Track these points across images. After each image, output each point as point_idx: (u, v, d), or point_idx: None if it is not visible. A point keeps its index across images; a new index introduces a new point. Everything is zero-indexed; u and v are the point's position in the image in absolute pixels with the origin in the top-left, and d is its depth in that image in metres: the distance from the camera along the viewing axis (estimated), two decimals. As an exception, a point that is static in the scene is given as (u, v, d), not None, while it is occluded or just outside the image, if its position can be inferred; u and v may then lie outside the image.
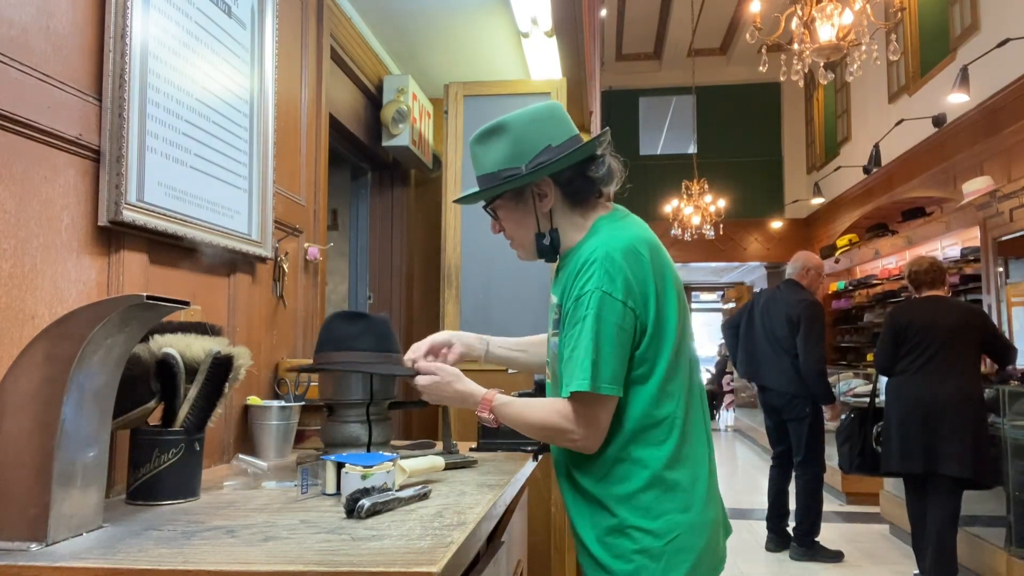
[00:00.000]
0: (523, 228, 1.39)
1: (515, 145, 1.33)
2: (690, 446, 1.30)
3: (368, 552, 0.95)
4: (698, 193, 9.36)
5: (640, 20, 10.66)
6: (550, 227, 1.38)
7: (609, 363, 1.22)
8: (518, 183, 1.34)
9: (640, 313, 1.25)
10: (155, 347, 1.30)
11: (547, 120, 1.36)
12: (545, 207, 1.37)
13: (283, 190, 2.07)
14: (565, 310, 1.30)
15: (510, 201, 1.38)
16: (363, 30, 2.95)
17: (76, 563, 0.91)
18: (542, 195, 1.36)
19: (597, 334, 1.23)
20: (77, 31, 1.31)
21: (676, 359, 1.29)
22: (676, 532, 1.26)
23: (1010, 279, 5.34)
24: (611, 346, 1.23)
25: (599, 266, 1.25)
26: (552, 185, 1.35)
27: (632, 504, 1.27)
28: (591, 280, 1.25)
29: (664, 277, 1.30)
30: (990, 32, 5.62)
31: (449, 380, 1.44)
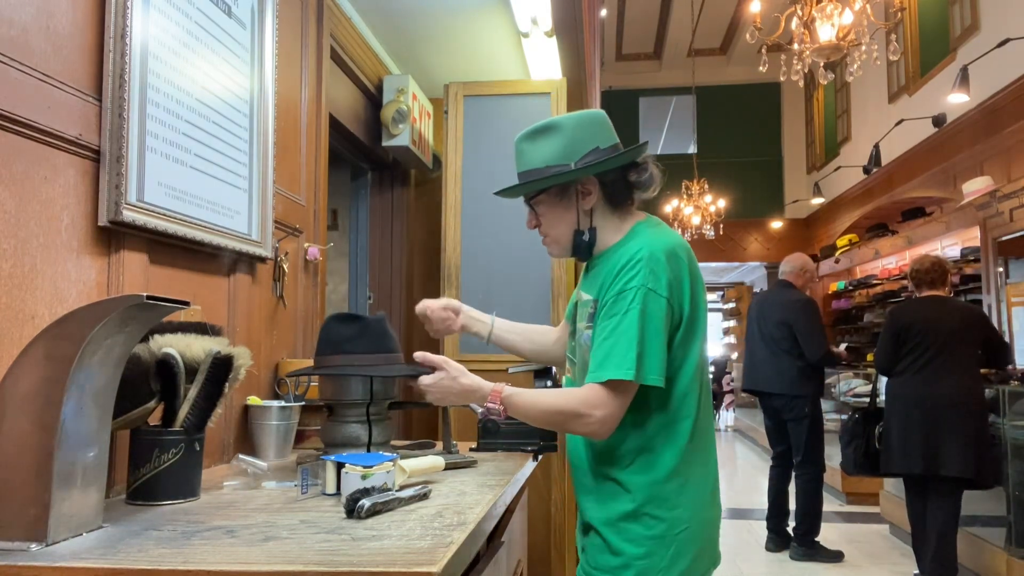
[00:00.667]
0: (562, 224, 1.44)
1: (565, 144, 1.39)
2: (703, 443, 1.38)
3: (368, 552, 0.95)
4: (698, 193, 9.36)
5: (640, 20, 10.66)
6: (589, 225, 1.43)
7: (655, 355, 1.28)
8: (567, 178, 1.40)
9: (677, 311, 1.33)
10: (155, 347, 1.30)
11: (596, 125, 1.42)
12: (587, 205, 1.42)
13: (283, 190, 2.07)
14: (603, 303, 1.34)
15: (554, 197, 1.43)
16: (363, 30, 2.95)
17: (76, 563, 0.91)
18: (586, 193, 1.41)
19: (643, 328, 1.28)
20: (77, 31, 1.31)
21: (699, 359, 1.38)
22: (686, 524, 1.33)
23: (1010, 279, 5.34)
24: (657, 340, 1.29)
25: (644, 264, 1.31)
26: (596, 185, 1.41)
27: (653, 493, 1.33)
28: (636, 277, 1.30)
29: (697, 280, 1.38)
30: (990, 32, 5.62)
31: (455, 375, 1.44)
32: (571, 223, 1.43)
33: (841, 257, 9.22)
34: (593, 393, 1.29)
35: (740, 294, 13.79)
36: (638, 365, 1.27)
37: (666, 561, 1.31)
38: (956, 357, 3.47)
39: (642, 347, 1.27)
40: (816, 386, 4.26)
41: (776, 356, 4.27)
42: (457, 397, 1.45)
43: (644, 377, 1.27)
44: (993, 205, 5.26)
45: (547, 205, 1.44)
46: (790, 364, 4.21)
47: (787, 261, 4.55)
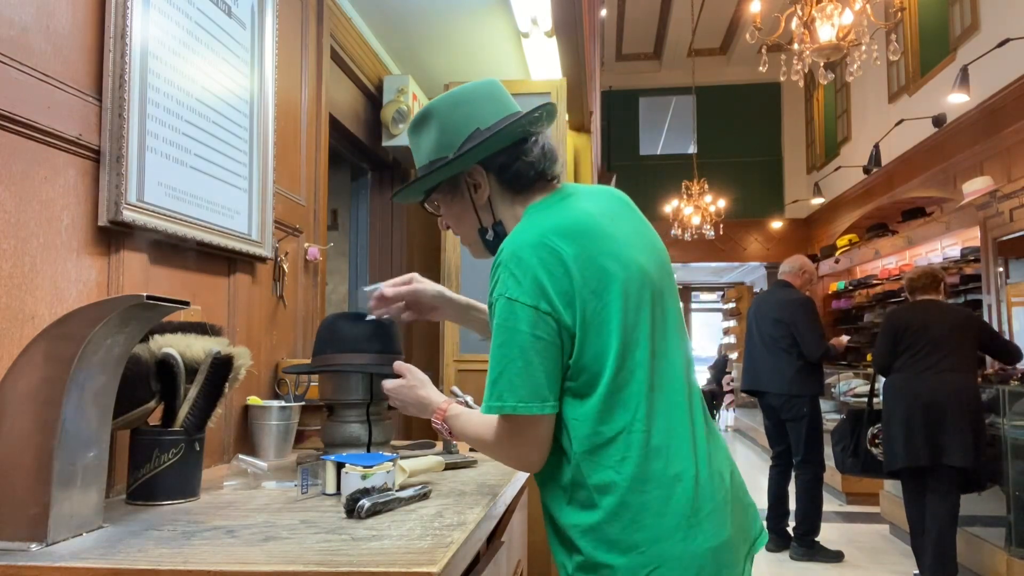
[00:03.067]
0: (465, 224, 1.27)
1: (441, 132, 1.22)
2: (661, 462, 1.07)
3: (368, 552, 0.95)
4: (698, 193, 9.37)
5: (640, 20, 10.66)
6: (493, 220, 1.24)
7: (525, 378, 1.05)
8: (445, 174, 1.23)
9: (561, 317, 1.06)
10: (155, 347, 1.30)
11: (473, 102, 1.22)
12: (481, 198, 1.24)
13: (283, 190, 2.07)
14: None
15: (447, 194, 1.27)
16: (363, 30, 2.95)
17: (76, 563, 0.91)
18: (476, 185, 1.23)
19: (506, 347, 1.06)
20: (77, 31, 1.31)
21: (625, 363, 1.08)
22: (654, 565, 1.04)
23: (1010, 279, 5.34)
24: (525, 359, 1.05)
25: (503, 268, 1.09)
26: (484, 173, 1.22)
27: (597, 537, 1.06)
28: (497, 286, 1.10)
29: (599, 269, 1.08)
30: (990, 32, 5.62)
31: (413, 384, 1.35)
32: (472, 222, 1.26)
33: (841, 257, 9.22)
34: (496, 428, 1.11)
35: (740, 294, 13.79)
36: (493, 393, 1.07)
37: None
38: (951, 355, 3.54)
39: (503, 370, 1.06)
40: (814, 386, 4.27)
41: (774, 356, 4.28)
42: (413, 407, 1.35)
43: (492, 407, 1.07)
44: (993, 205, 5.26)
45: (445, 205, 1.29)
46: (788, 363, 4.22)
47: (787, 262, 4.59)
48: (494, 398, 1.07)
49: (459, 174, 1.24)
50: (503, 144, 1.21)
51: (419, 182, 1.27)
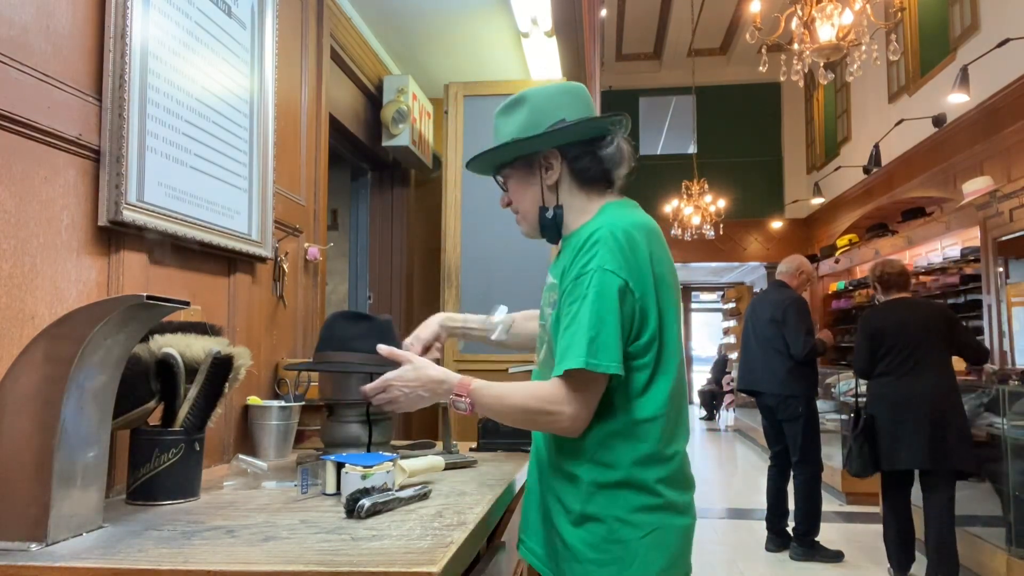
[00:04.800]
0: (527, 200, 1.38)
1: (531, 116, 1.33)
2: (672, 447, 1.27)
3: (368, 552, 0.95)
4: (698, 193, 9.36)
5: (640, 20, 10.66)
6: (555, 203, 1.36)
7: (610, 341, 1.18)
8: (525, 149, 1.34)
9: (637, 298, 1.22)
10: (155, 347, 1.30)
11: (565, 95, 1.36)
12: (550, 179, 1.35)
13: (283, 190, 2.07)
14: (563, 289, 1.26)
15: (519, 170, 1.37)
16: (363, 30, 2.95)
17: (76, 563, 0.91)
18: (548, 167, 1.35)
19: (598, 312, 1.19)
20: (77, 31, 1.31)
21: (665, 355, 1.26)
22: (652, 528, 1.22)
23: (1010, 279, 5.34)
24: (613, 325, 1.19)
25: (603, 245, 1.22)
26: (559, 159, 1.34)
27: (611, 495, 1.23)
28: (594, 259, 1.22)
29: (663, 268, 1.28)
30: (990, 32, 5.62)
31: (420, 367, 1.32)
32: (536, 199, 1.37)
33: (841, 257, 9.22)
34: (557, 389, 1.20)
35: (740, 294, 13.79)
36: (589, 351, 1.17)
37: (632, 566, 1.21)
38: (928, 353, 3.57)
39: (596, 331, 1.18)
40: (808, 385, 4.28)
41: (768, 355, 4.30)
42: (422, 390, 1.31)
43: (597, 364, 1.17)
44: (993, 205, 5.26)
45: (514, 180, 1.39)
46: (781, 363, 4.23)
47: (784, 262, 4.60)
48: (590, 355, 1.17)
49: (535, 154, 1.34)
50: (583, 136, 1.34)
51: (499, 150, 1.35)
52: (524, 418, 1.26)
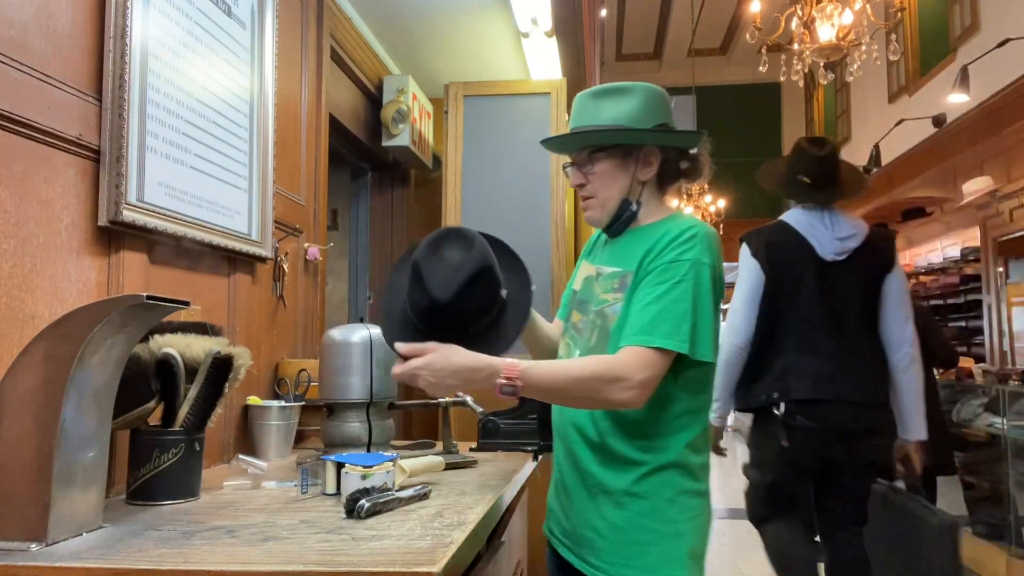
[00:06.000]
0: (614, 188, 1.37)
1: (641, 109, 1.34)
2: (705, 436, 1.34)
3: (368, 552, 0.95)
4: (698, 193, 9.37)
5: (640, 20, 10.66)
6: (638, 197, 1.38)
7: (708, 330, 1.23)
8: (635, 139, 1.34)
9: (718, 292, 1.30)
10: (155, 347, 1.30)
11: (666, 102, 1.39)
12: (644, 175, 1.36)
13: (283, 190, 2.07)
14: (645, 270, 1.27)
15: (616, 157, 1.36)
16: (363, 30, 2.95)
17: (76, 563, 0.91)
18: (647, 163, 1.36)
19: (697, 301, 1.23)
20: (77, 31, 1.31)
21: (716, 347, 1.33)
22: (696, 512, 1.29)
23: (1010, 279, 5.34)
24: (708, 315, 1.24)
25: (701, 240, 1.27)
26: (658, 159, 1.36)
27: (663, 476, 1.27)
28: (693, 250, 1.26)
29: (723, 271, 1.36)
30: (990, 32, 5.62)
31: (448, 353, 1.20)
32: (623, 189, 1.36)
33: (841, 257, 9.20)
34: (637, 355, 1.20)
35: (740, 294, 13.77)
36: (692, 338, 1.21)
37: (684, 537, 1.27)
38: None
39: (695, 319, 1.22)
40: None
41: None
42: (452, 378, 1.20)
43: (697, 351, 1.21)
44: (993, 205, 5.26)
45: (606, 164, 1.36)
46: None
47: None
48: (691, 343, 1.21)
49: (638, 147, 1.35)
50: (683, 144, 1.39)
51: (617, 133, 1.34)
52: (585, 387, 1.21)
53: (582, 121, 1.37)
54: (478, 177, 3.05)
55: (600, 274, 1.40)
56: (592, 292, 1.39)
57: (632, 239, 1.36)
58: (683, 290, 1.23)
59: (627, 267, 1.32)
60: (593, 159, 1.37)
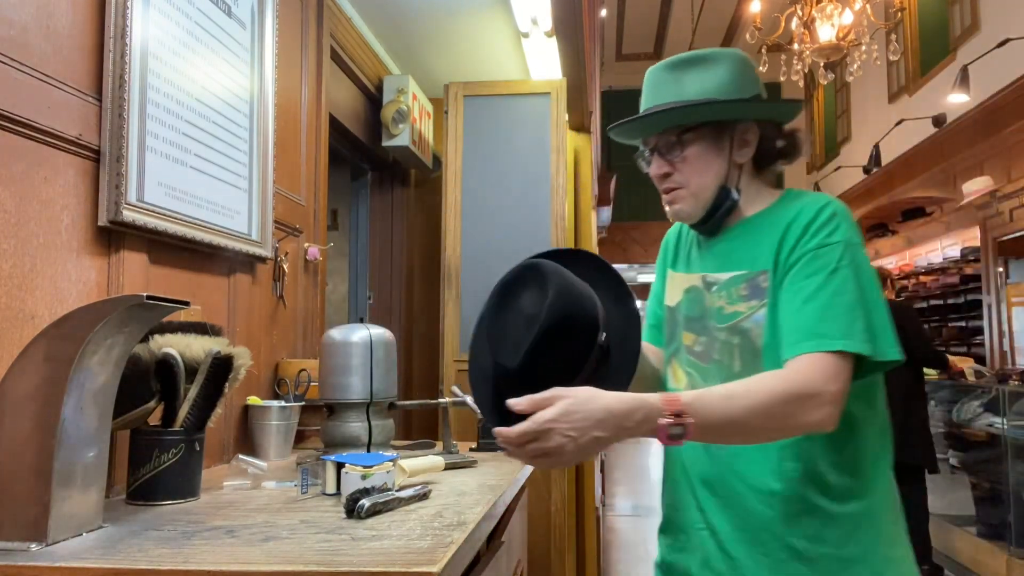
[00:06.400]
0: (709, 174, 1.15)
1: (733, 78, 1.13)
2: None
3: (368, 552, 0.95)
4: (698, 193, 9.35)
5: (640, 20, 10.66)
6: (736, 184, 1.16)
7: (884, 322, 1.01)
8: (741, 113, 1.14)
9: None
10: (155, 347, 1.30)
11: (756, 71, 1.18)
12: (742, 157, 1.16)
13: (283, 190, 2.07)
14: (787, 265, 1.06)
15: (707, 138, 1.14)
16: (363, 30, 2.95)
17: (76, 563, 0.91)
18: (743, 143, 1.15)
19: (863, 289, 1.01)
20: (77, 31, 1.31)
21: None
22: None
23: (1010, 279, 5.34)
24: (880, 303, 1.02)
25: (844, 217, 1.07)
26: (756, 137, 1.16)
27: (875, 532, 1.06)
28: (839, 230, 1.05)
29: None
30: (990, 32, 5.62)
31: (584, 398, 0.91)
32: (718, 175, 1.14)
33: (841, 257, 9.21)
34: (819, 364, 0.96)
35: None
36: (869, 335, 0.98)
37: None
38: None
39: (867, 312, 0.99)
40: None
41: None
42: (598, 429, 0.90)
43: (879, 350, 0.98)
44: (993, 205, 5.26)
45: (698, 147, 1.14)
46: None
47: None
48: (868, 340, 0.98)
49: (732, 125, 1.15)
50: (782, 118, 1.19)
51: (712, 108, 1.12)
52: (772, 413, 0.96)
53: (663, 98, 1.15)
54: (478, 177, 3.05)
55: (712, 283, 1.16)
56: (705, 306, 1.16)
57: (745, 234, 1.15)
58: (843, 279, 1.01)
59: (754, 267, 1.11)
60: (683, 142, 1.15)
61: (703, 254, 1.21)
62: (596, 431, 0.90)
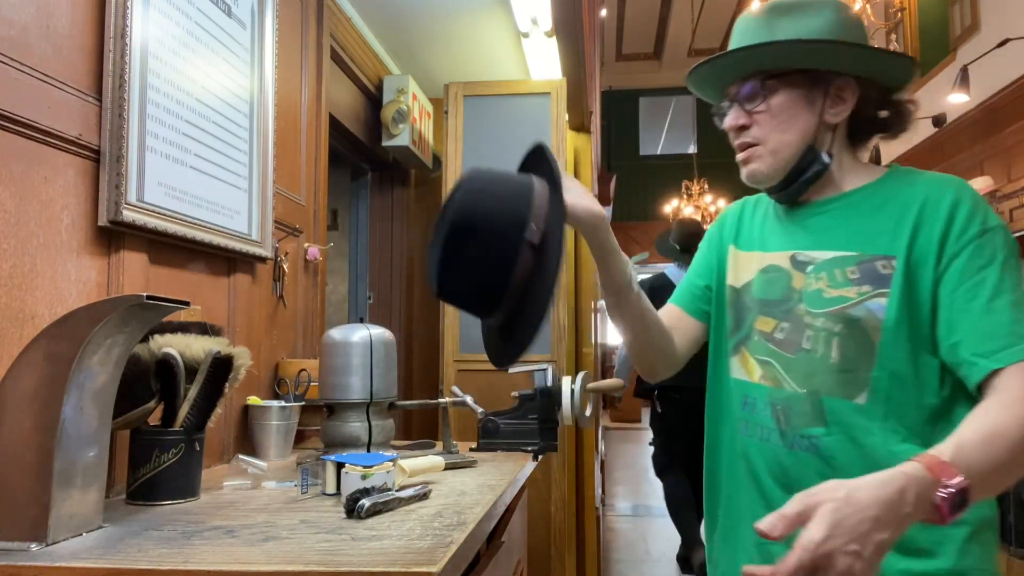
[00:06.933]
0: (793, 131, 1.02)
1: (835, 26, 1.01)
2: None
3: (368, 552, 0.95)
4: (698, 193, 9.38)
5: (640, 20, 10.67)
6: (828, 148, 1.03)
7: None
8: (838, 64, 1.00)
9: None
10: (155, 347, 1.30)
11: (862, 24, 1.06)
12: (836, 116, 1.03)
13: (283, 190, 2.07)
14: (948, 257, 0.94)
15: (796, 88, 1.02)
16: (363, 30, 2.95)
17: (76, 563, 0.91)
18: (840, 99, 1.03)
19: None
20: (77, 31, 1.31)
21: None
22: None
23: (1010, 279, 5.34)
24: None
25: (982, 201, 0.97)
26: (855, 96, 1.02)
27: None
28: (989, 212, 0.96)
29: None
30: (990, 32, 5.62)
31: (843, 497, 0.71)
32: (804, 133, 1.02)
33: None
34: None
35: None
36: None
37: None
38: None
39: None
40: None
41: None
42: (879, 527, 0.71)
43: None
44: (993, 205, 5.26)
45: (784, 97, 1.02)
46: None
47: None
48: None
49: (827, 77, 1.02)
50: (896, 75, 1.03)
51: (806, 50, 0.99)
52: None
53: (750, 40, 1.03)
54: (478, 177, 3.05)
55: (806, 262, 1.04)
56: (792, 288, 1.04)
57: (850, 209, 1.02)
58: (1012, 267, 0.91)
59: (870, 250, 0.98)
60: (766, 90, 1.02)
61: (789, 229, 1.08)
62: (878, 534, 0.70)
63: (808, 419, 1.00)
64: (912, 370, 0.95)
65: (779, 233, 1.10)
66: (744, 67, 1.03)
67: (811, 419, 1.00)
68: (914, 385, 0.95)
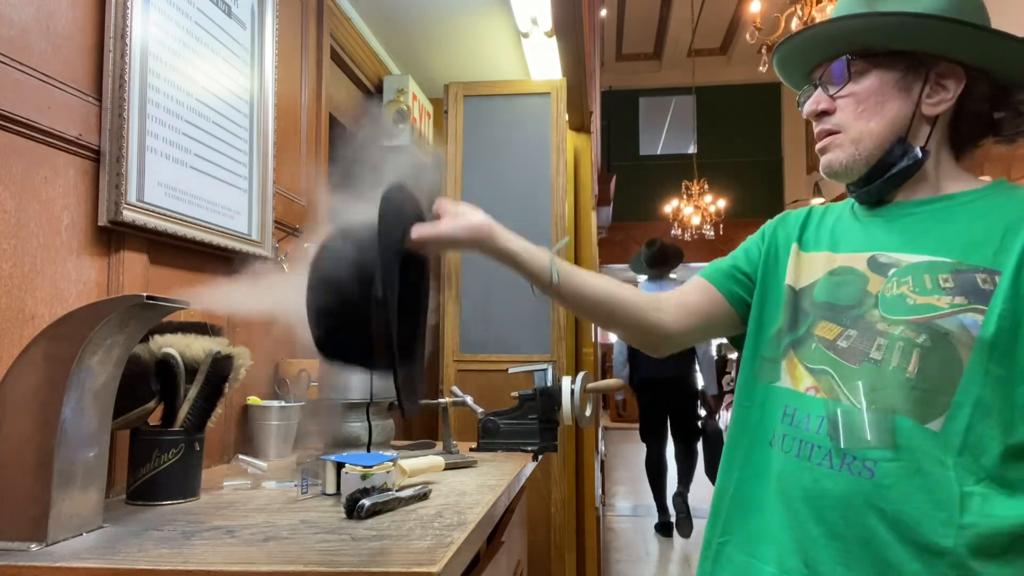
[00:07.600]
0: (878, 119, 0.91)
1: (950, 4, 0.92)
2: None
3: (368, 552, 0.95)
4: (698, 193, 9.38)
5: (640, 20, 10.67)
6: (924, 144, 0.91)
7: None
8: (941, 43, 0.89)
9: None
10: (155, 347, 1.30)
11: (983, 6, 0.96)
12: (934, 108, 0.91)
13: (283, 190, 2.07)
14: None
15: (895, 69, 0.90)
16: (363, 30, 2.95)
17: (76, 563, 0.91)
18: (940, 87, 0.91)
19: None
20: (77, 31, 1.31)
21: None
22: None
23: (1010, 279, 5.35)
24: None
25: None
26: (961, 84, 0.90)
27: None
28: None
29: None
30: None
31: None
32: (895, 122, 0.91)
33: (841, 257, 9.22)
34: None
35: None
36: None
37: None
38: None
39: None
40: None
41: None
42: None
43: None
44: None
45: (874, 80, 0.91)
46: None
47: None
48: None
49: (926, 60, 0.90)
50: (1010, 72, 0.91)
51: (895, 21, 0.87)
52: None
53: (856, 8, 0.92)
54: (478, 177, 3.05)
55: (888, 264, 0.91)
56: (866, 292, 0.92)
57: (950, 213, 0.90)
58: None
59: (969, 259, 0.86)
60: (854, 70, 0.92)
61: (870, 229, 0.96)
62: None
63: (871, 439, 0.86)
64: (1001, 401, 0.82)
65: (856, 233, 0.98)
66: (836, 44, 0.91)
67: (876, 440, 0.85)
68: (1000, 419, 0.82)
